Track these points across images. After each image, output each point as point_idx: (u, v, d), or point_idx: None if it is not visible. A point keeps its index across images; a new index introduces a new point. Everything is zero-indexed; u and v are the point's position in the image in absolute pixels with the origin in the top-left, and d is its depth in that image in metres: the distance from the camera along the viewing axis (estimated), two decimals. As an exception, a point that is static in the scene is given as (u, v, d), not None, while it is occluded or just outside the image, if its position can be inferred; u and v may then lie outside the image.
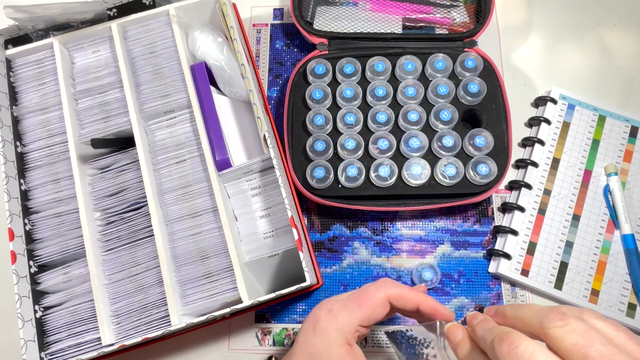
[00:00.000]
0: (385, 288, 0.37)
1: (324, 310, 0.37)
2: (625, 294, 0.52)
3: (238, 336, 0.54)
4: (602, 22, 0.65)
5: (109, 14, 0.56)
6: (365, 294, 0.37)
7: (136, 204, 0.51)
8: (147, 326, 0.47)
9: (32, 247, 0.50)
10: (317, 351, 0.35)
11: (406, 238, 0.57)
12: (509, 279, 0.54)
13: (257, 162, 0.50)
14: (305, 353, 0.36)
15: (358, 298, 0.37)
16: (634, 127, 0.58)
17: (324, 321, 0.36)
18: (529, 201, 0.56)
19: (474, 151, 0.53)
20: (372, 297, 0.37)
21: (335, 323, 0.36)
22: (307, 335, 0.37)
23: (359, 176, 0.53)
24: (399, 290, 0.37)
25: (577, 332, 0.25)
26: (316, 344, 0.36)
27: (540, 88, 0.62)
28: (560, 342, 0.25)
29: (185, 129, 0.53)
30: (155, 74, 0.54)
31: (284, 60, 0.65)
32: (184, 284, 0.48)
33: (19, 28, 0.54)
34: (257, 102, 0.51)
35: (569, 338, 0.25)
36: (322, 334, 0.36)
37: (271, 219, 0.51)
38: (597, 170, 0.57)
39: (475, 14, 0.60)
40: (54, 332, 0.48)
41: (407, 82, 0.57)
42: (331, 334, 0.35)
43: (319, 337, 0.36)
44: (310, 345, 0.36)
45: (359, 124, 0.55)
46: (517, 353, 0.25)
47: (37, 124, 0.53)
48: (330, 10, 0.62)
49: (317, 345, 0.36)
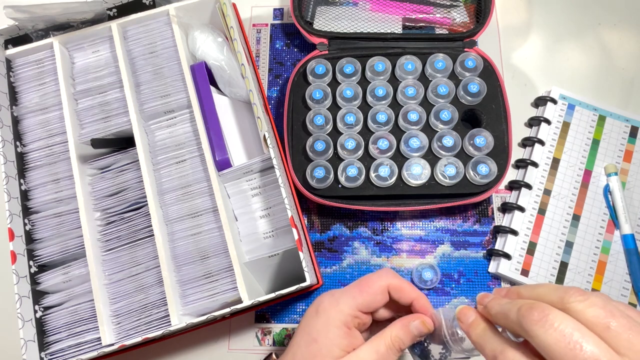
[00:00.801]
0: (386, 277, 0.39)
1: (328, 295, 0.39)
2: (625, 294, 0.52)
3: (238, 336, 0.54)
4: (602, 22, 0.65)
5: (109, 14, 0.56)
6: (366, 281, 0.39)
7: (136, 204, 0.51)
8: (147, 326, 0.47)
9: (32, 247, 0.50)
10: (316, 330, 0.37)
11: (406, 238, 0.57)
12: (509, 279, 0.54)
13: (257, 162, 0.50)
14: (305, 332, 0.38)
15: (359, 285, 0.39)
16: (634, 127, 0.58)
17: (326, 304, 0.38)
18: (529, 201, 0.56)
19: (474, 151, 0.53)
20: (372, 284, 0.38)
21: (337, 305, 0.38)
22: (309, 318, 0.39)
23: (359, 176, 0.53)
24: (399, 282, 0.39)
25: (599, 306, 0.26)
26: (316, 323, 0.38)
27: (540, 88, 0.62)
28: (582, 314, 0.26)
29: (185, 129, 0.53)
30: (155, 74, 0.54)
31: (284, 60, 0.65)
32: (184, 284, 0.48)
33: (19, 28, 0.54)
34: (257, 102, 0.51)
35: (591, 311, 0.26)
36: (323, 314, 0.38)
37: (271, 219, 0.51)
38: (597, 170, 0.57)
39: (475, 14, 0.60)
40: (54, 332, 0.48)
41: (407, 82, 0.57)
42: (331, 314, 0.37)
43: (320, 318, 0.38)
44: (310, 325, 0.38)
45: (359, 124, 0.55)
46: (548, 320, 0.26)
47: (37, 124, 0.53)
48: (330, 10, 0.62)
49: (317, 324, 0.37)
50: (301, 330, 0.39)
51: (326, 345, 0.36)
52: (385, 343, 0.37)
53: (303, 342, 0.38)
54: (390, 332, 0.37)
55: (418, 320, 0.37)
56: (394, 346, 0.37)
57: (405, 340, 0.37)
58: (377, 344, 0.37)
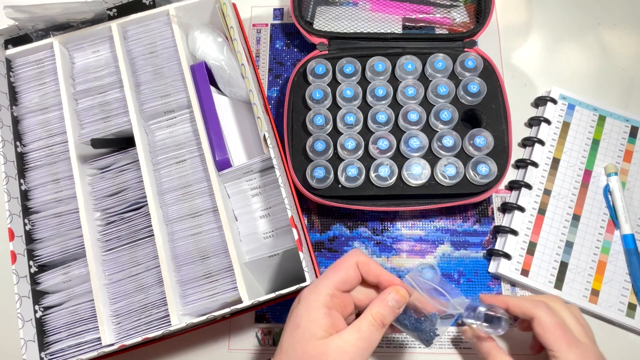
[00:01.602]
0: (355, 255, 0.42)
1: (310, 286, 0.41)
2: (625, 294, 0.52)
3: (238, 336, 0.54)
4: (602, 22, 0.65)
5: (109, 14, 0.56)
6: (338, 261, 0.42)
7: (136, 204, 0.51)
8: (147, 326, 0.47)
9: (32, 247, 0.50)
10: (299, 316, 0.39)
11: (406, 238, 0.57)
12: (509, 279, 0.54)
13: (257, 162, 0.50)
14: (289, 322, 0.40)
15: (332, 266, 0.42)
16: (634, 127, 0.58)
17: (306, 292, 0.41)
18: (529, 201, 0.56)
19: (474, 151, 0.53)
20: (343, 262, 0.41)
21: (315, 289, 0.40)
22: (293, 309, 0.41)
23: (359, 176, 0.53)
24: (365, 258, 0.42)
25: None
26: (298, 310, 0.40)
27: (540, 88, 0.62)
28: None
29: (185, 129, 0.53)
30: (155, 74, 0.54)
31: (284, 60, 0.65)
32: (184, 284, 0.48)
33: (19, 28, 0.54)
34: (257, 102, 0.51)
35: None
36: (303, 301, 0.40)
37: (271, 219, 0.51)
38: (597, 170, 0.57)
39: (475, 14, 0.60)
40: (54, 332, 0.48)
41: (407, 82, 0.57)
42: (311, 298, 0.39)
43: (301, 305, 0.40)
44: (294, 314, 0.40)
45: (359, 124, 0.55)
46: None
47: (37, 124, 0.53)
48: (330, 10, 0.62)
49: (299, 311, 0.39)
50: (287, 322, 0.40)
51: (308, 328, 0.38)
52: (367, 321, 0.38)
53: (288, 330, 0.39)
54: (370, 310, 0.39)
55: (393, 291, 0.40)
56: (376, 322, 0.38)
57: (385, 314, 0.39)
58: (359, 324, 0.38)
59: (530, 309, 0.43)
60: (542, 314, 0.43)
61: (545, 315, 0.42)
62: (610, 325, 0.52)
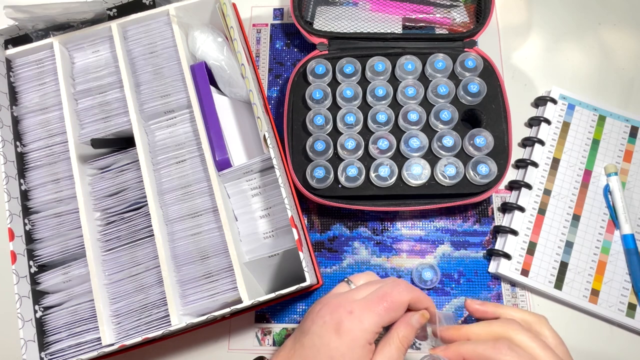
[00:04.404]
0: (406, 293, 0.38)
1: (344, 312, 0.37)
2: (625, 294, 0.52)
3: (238, 336, 0.54)
4: (602, 22, 0.65)
5: (109, 14, 0.56)
6: (391, 298, 0.38)
7: (136, 204, 0.51)
8: (147, 326, 0.47)
9: (32, 247, 0.50)
10: (340, 353, 0.36)
11: (406, 238, 0.57)
12: (509, 279, 0.54)
13: (257, 162, 0.50)
14: (325, 355, 0.36)
15: (382, 301, 0.38)
16: (634, 127, 0.58)
17: (348, 323, 0.36)
18: (529, 201, 0.56)
19: (474, 151, 0.53)
20: (398, 302, 0.38)
21: (361, 324, 0.36)
22: (328, 338, 0.37)
23: (359, 176, 0.53)
24: (417, 295, 0.39)
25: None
26: (339, 345, 0.36)
27: (540, 88, 0.62)
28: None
29: (185, 129, 0.53)
30: (155, 74, 0.54)
31: (284, 60, 0.65)
32: (184, 284, 0.48)
33: (19, 28, 0.54)
34: (257, 102, 0.51)
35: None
36: (347, 335, 0.36)
37: (271, 219, 0.51)
38: (597, 170, 0.57)
39: (475, 14, 0.60)
40: (54, 332, 0.48)
41: (407, 82, 0.57)
42: (357, 334, 0.36)
43: (344, 339, 0.36)
44: (332, 348, 0.36)
45: (359, 124, 0.55)
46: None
47: (37, 124, 0.53)
48: (330, 10, 0.62)
49: (341, 346, 0.36)
50: (319, 353, 0.37)
51: None
52: (396, 347, 0.37)
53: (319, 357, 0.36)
54: (396, 334, 0.37)
55: (417, 314, 0.39)
56: (403, 347, 0.37)
57: (410, 337, 0.38)
58: (389, 351, 0.37)
59: (490, 357, 0.35)
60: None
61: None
62: (610, 325, 0.52)
